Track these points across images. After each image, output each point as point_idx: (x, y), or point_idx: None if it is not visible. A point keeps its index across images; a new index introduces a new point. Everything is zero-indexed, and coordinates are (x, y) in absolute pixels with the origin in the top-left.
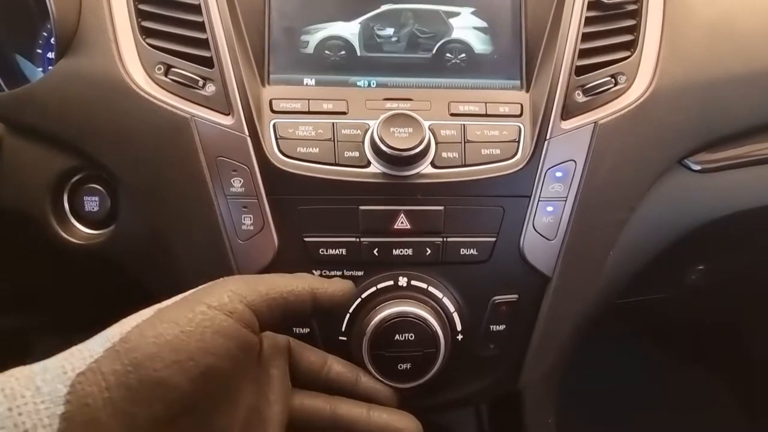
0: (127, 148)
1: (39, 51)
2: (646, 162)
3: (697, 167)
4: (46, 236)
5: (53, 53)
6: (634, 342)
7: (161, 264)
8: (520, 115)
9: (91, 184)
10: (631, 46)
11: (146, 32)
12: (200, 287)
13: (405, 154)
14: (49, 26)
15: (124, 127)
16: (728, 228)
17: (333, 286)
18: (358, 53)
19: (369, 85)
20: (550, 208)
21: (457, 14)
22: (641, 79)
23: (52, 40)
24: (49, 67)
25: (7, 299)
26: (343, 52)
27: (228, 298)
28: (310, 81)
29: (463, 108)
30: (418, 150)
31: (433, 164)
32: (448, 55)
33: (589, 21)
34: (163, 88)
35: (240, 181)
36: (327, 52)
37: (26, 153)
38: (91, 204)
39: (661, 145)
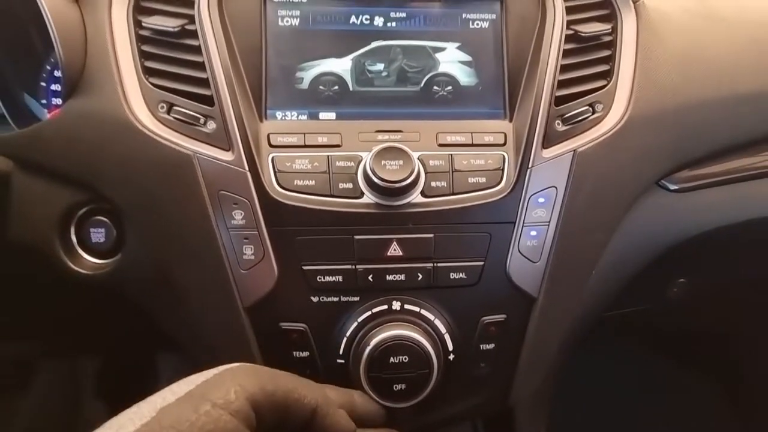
0: (132, 183)
1: (43, 84)
2: (624, 185)
3: (674, 187)
4: (54, 267)
5: (57, 85)
6: (625, 352)
7: (165, 292)
8: (504, 144)
9: (97, 216)
10: (607, 75)
11: (149, 72)
12: (209, 376)
13: (396, 185)
14: (53, 60)
15: (130, 164)
16: (706, 243)
17: (335, 416)
18: (351, 88)
19: (361, 118)
20: (534, 233)
21: (443, 49)
22: (617, 106)
23: (56, 73)
24: (53, 100)
25: (13, 327)
26: (336, 87)
27: (235, 394)
28: (305, 115)
29: (450, 138)
30: (408, 181)
31: (423, 193)
32: (435, 87)
33: (567, 53)
34: (166, 125)
35: (241, 214)
36: (321, 87)
37: (34, 188)
38: (98, 235)
39: (638, 168)
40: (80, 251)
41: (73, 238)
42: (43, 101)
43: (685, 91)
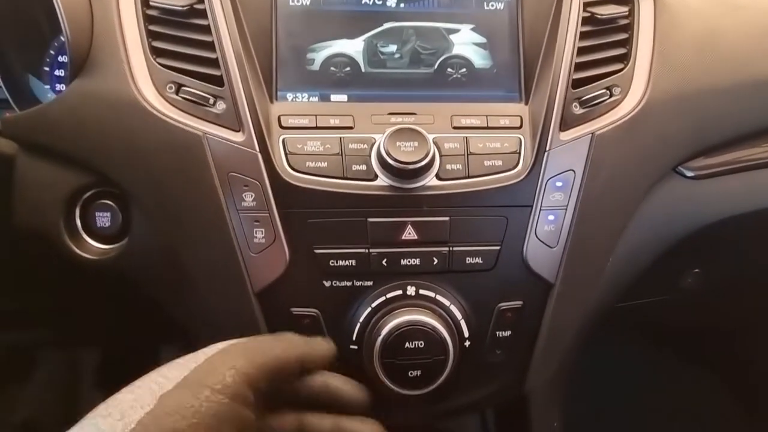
0: (139, 165)
1: (47, 69)
2: (642, 170)
3: (691, 174)
4: (58, 252)
5: (61, 71)
6: (638, 345)
7: (173, 277)
8: (520, 127)
9: (103, 200)
10: (624, 58)
11: (157, 52)
12: (200, 360)
13: (411, 167)
14: (56, 44)
15: (137, 146)
16: (722, 232)
17: (317, 349)
18: (363, 69)
19: (373, 101)
20: (551, 217)
21: (457, 31)
22: (635, 90)
23: (60, 58)
24: (57, 85)
25: (14, 315)
26: (348, 69)
27: (231, 378)
28: (316, 97)
29: (465, 121)
30: (423, 163)
31: (438, 176)
32: (449, 70)
33: (584, 35)
34: (174, 106)
35: (251, 196)
36: (333, 68)
37: (39, 171)
38: (103, 220)
39: (656, 153)
40: (85, 236)
41: (78, 223)
42: (47, 86)
43: (703, 76)
